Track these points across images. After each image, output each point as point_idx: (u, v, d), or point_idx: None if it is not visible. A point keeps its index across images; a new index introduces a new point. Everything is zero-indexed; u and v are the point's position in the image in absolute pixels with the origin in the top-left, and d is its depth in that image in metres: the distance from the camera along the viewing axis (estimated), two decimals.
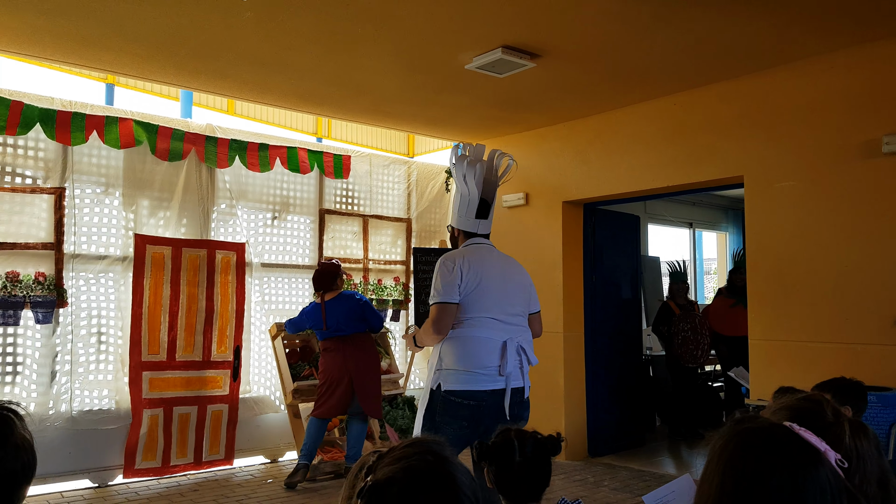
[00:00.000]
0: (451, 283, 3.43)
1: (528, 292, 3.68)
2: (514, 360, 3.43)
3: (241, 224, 6.37)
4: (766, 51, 4.97)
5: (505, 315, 3.49)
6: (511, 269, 3.66)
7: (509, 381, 3.40)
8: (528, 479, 2.15)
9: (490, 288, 3.48)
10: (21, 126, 5.20)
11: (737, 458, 1.25)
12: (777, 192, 5.23)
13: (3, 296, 5.12)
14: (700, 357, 7.60)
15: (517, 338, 3.48)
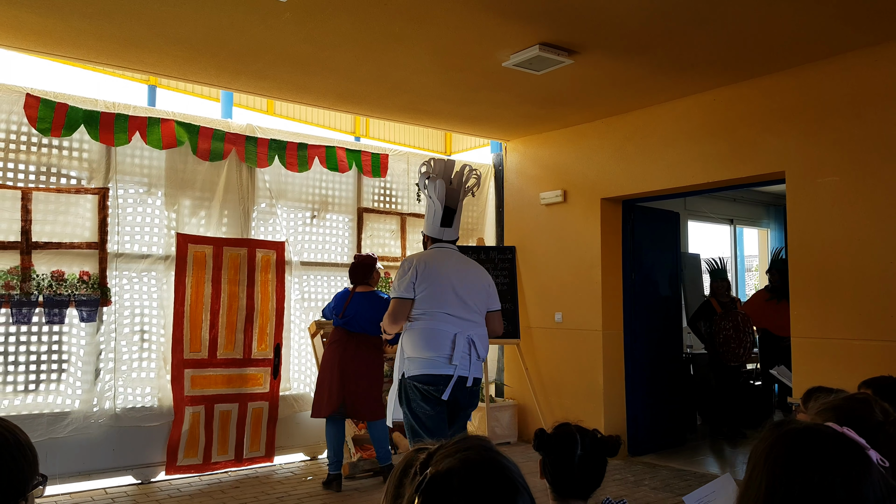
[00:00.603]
0: (405, 281, 3.91)
1: (486, 292, 4.03)
2: (463, 351, 3.83)
3: (280, 223, 6.42)
4: (809, 44, 4.87)
5: (457, 311, 3.90)
6: (469, 270, 4.04)
7: (457, 369, 3.81)
8: (580, 475, 2.13)
9: (445, 286, 3.90)
10: (66, 128, 5.31)
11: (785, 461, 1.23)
12: (820, 187, 5.13)
13: (49, 294, 5.24)
14: (743, 356, 7.49)
15: (468, 331, 3.88)
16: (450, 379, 3.79)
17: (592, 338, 6.69)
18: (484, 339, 3.95)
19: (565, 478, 2.14)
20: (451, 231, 4.09)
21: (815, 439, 1.24)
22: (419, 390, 3.82)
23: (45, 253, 5.24)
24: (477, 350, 3.87)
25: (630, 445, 6.69)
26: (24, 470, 1.33)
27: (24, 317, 5.15)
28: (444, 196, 4.03)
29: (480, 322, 3.97)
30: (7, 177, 5.18)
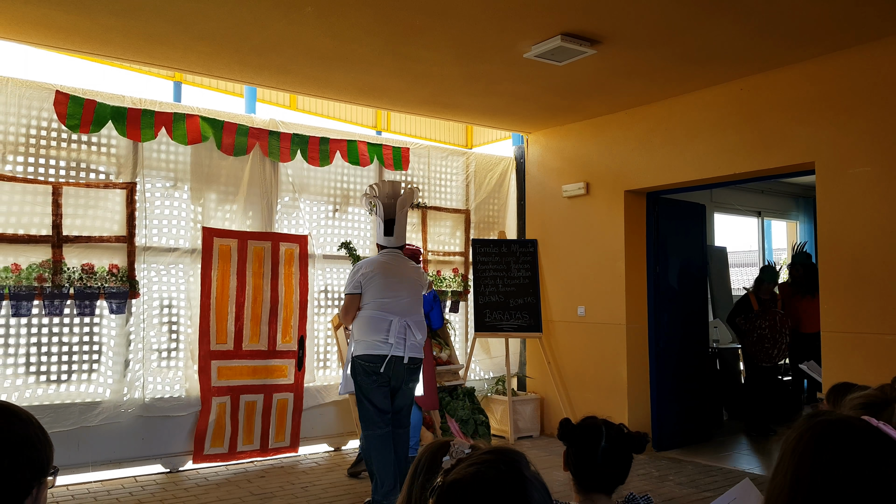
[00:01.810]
0: (355, 280, 4.77)
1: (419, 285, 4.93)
2: (399, 335, 4.64)
3: (303, 217, 6.48)
4: (838, 32, 4.79)
5: (394, 301, 4.71)
6: (405, 269, 4.87)
7: (392, 349, 4.62)
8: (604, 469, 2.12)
9: (384, 283, 4.73)
10: (94, 124, 5.41)
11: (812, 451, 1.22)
12: (851, 178, 5.04)
13: (80, 287, 5.35)
14: (776, 357, 7.29)
15: (404, 318, 4.68)
16: (385, 357, 4.62)
17: (616, 331, 6.65)
18: (421, 324, 4.80)
19: (589, 470, 2.14)
20: (393, 239, 4.90)
21: (844, 431, 1.23)
22: (363, 367, 4.63)
23: (75, 246, 5.36)
24: (413, 333, 4.69)
25: (655, 440, 6.64)
26: (48, 449, 1.35)
27: (56, 308, 5.28)
28: (384, 212, 4.86)
29: (417, 310, 4.82)
30: (38, 172, 5.30)
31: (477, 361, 7.55)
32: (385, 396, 4.70)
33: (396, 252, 4.94)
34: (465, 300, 7.60)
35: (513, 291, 7.28)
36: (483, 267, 7.33)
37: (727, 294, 8.99)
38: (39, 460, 1.32)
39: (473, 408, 6.54)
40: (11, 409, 1.35)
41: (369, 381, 4.64)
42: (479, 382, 7.51)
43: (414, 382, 4.82)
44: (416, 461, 1.50)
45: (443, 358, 6.80)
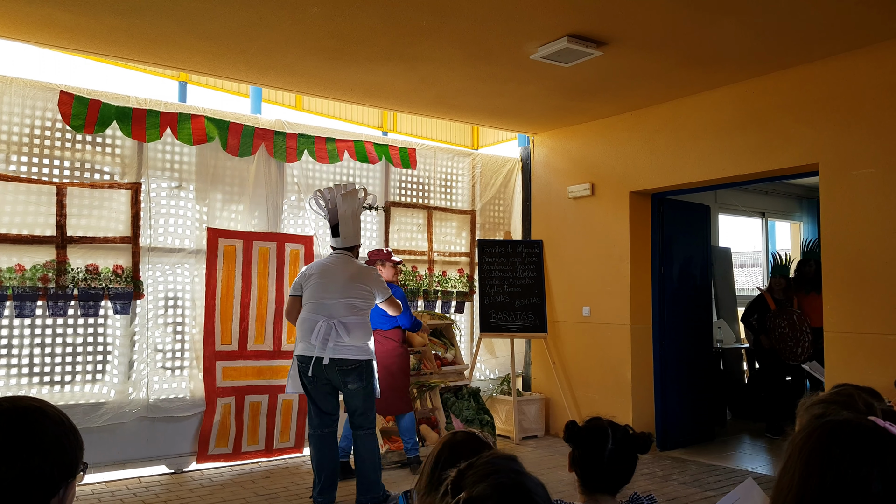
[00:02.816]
0: (296, 282, 4.91)
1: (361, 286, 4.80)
2: (324, 336, 4.59)
3: (309, 217, 6.47)
4: (842, 34, 4.78)
5: (324, 303, 4.70)
6: (345, 271, 4.81)
7: (316, 350, 4.60)
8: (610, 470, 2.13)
9: (318, 284, 4.75)
10: (98, 124, 5.40)
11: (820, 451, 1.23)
12: (854, 180, 5.04)
13: (84, 287, 5.34)
14: (801, 354, 7.19)
15: (333, 319, 4.63)
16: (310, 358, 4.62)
17: (621, 332, 6.65)
18: (353, 324, 4.67)
19: (595, 471, 2.14)
20: (339, 240, 4.93)
21: (852, 432, 1.24)
22: (298, 367, 4.73)
23: (79, 247, 5.35)
24: (341, 334, 4.61)
25: (659, 440, 6.65)
26: (77, 450, 1.37)
27: (60, 309, 5.27)
28: (328, 214, 4.92)
29: (354, 311, 4.72)
30: (43, 172, 5.29)
31: (482, 361, 7.55)
32: (326, 397, 4.76)
33: (343, 254, 4.94)
34: (470, 301, 7.59)
35: (518, 292, 7.28)
36: (488, 267, 7.32)
37: (731, 295, 8.98)
38: (68, 462, 1.34)
39: (478, 408, 6.54)
40: (43, 408, 1.36)
41: (306, 382, 4.72)
42: (484, 383, 7.50)
43: (355, 385, 4.70)
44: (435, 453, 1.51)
45: (448, 358, 6.80)
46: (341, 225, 4.93)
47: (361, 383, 4.72)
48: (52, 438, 1.32)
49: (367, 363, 4.76)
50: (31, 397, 1.41)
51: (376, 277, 4.96)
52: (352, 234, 4.98)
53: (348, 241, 4.97)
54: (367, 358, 4.75)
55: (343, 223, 4.92)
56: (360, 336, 4.71)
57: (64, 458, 1.32)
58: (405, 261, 7.08)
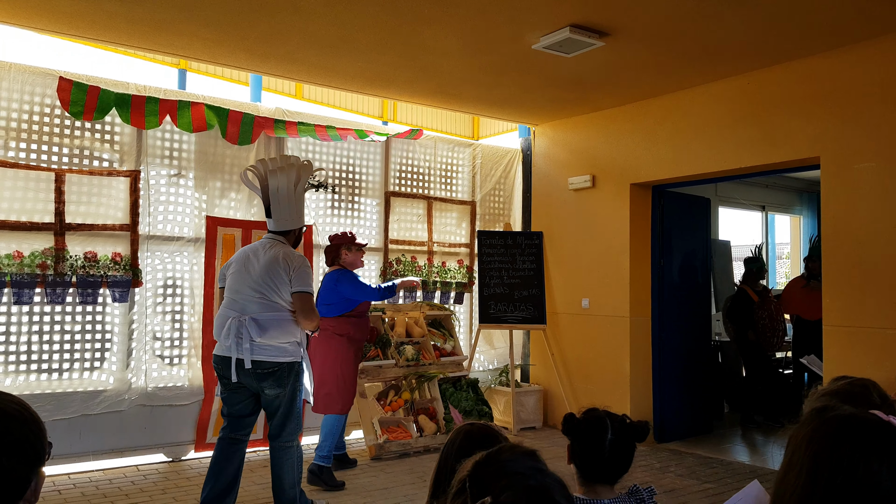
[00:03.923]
0: (221, 271, 4.30)
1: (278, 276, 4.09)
2: (233, 334, 3.99)
3: (308, 206, 6.45)
4: (845, 27, 4.77)
5: (241, 295, 4.08)
6: (267, 256, 4.14)
7: (222, 351, 4.05)
8: (608, 460, 2.12)
9: (235, 275, 4.15)
10: (98, 111, 5.37)
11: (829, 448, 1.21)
12: (855, 173, 5.03)
13: (82, 275, 5.33)
14: (776, 344, 7.45)
15: (246, 314, 4.02)
16: (226, 360, 4.03)
17: (620, 324, 6.65)
18: (269, 321, 4.02)
19: (595, 463, 2.14)
20: (272, 222, 4.30)
21: (859, 427, 1.22)
22: (214, 369, 4.18)
23: (78, 234, 5.33)
24: (249, 332, 3.97)
25: (656, 432, 6.66)
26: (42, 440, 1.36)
27: (59, 297, 5.25)
28: (261, 192, 4.29)
29: (269, 305, 4.05)
30: (41, 159, 5.26)
31: (481, 352, 7.55)
32: (241, 401, 4.15)
33: (272, 239, 4.26)
34: (469, 292, 7.58)
35: (517, 283, 7.27)
36: (488, 259, 7.31)
37: (730, 288, 8.98)
38: (36, 455, 1.34)
39: (477, 399, 6.54)
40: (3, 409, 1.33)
41: (222, 387, 4.18)
42: (482, 374, 7.51)
43: (272, 391, 4.07)
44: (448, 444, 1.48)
45: (447, 349, 6.80)
46: (273, 204, 4.26)
47: (280, 389, 4.09)
48: (16, 438, 1.31)
49: (288, 366, 4.10)
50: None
51: (299, 267, 4.15)
52: (286, 216, 4.29)
53: (281, 224, 4.28)
54: (289, 360, 4.09)
55: (275, 202, 4.25)
56: (276, 335, 4.04)
57: (31, 453, 1.32)
58: (405, 251, 7.07)
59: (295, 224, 4.33)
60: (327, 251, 5.56)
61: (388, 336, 6.45)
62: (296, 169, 4.28)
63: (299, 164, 4.33)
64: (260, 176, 4.27)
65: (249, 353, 3.98)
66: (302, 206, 4.39)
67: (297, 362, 4.17)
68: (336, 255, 5.50)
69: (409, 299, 7.11)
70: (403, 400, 6.31)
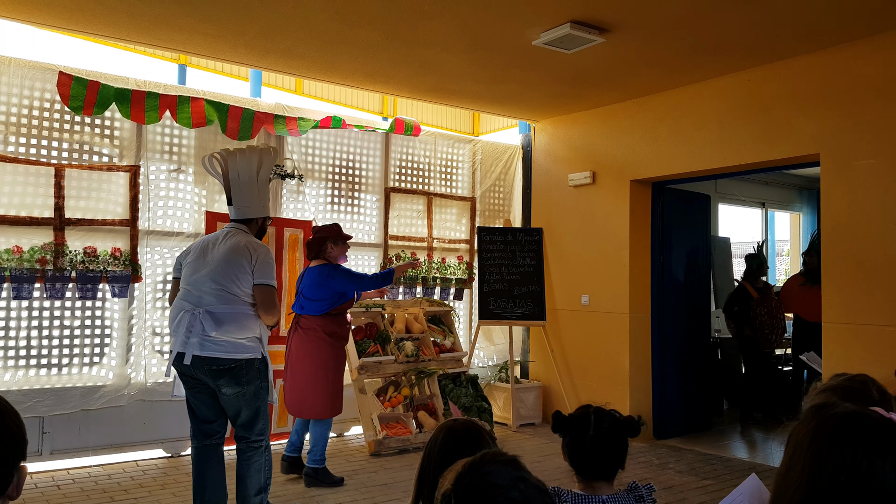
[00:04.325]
0: (177, 260, 4.04)
1: (238, 267, 3.80)
2: (185, 329, 3.73)
3: (308, 202, 6.45)
4: (847, 23, 4.76)
5: (196, 287, 3.81)
6: (226, 246, 3.87)
7: (175, 346, 3.79)
8: (601, 456, 2.13)
9: (192, 265, 3.89)
10: (98, 106, 5.36)
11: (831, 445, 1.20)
12: (856, 170, 5.03)
13: (82, 270, 5.32)
14: (774, 342, 7.43)
15: (200, 307, 3.75)
16: (194, 358, 3.74)
17: (619, 320, 6.65)
18: (225, 315, 3.74)
19: (583, 459, 2.15)
20: (233, 210, 4.06)
21: (862, 424, 1.21)
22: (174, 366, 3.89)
23: (77, 229, 5.33)
24: (203, 325, 3.69)
25: (656, 428, 6.67)
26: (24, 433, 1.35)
27: (58, 292, 5.25)
28: (223, 178, 4.06)
29: (227, 298, 3.76)
30: (41, 154, 5.26)
31: (480, 349, 7.55)
32: (206, 402, 3.88)
33: (234, 227, 4.00)
34: (469, 288, 7.59)
35: (517, 279, 7.27)
36: (488, 255, 7.31)
37: (730, 285, 8.98)
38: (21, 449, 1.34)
39: (476, 395, 6.55)
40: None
41: (182, 382, 3.90)
42: (482, 370, 7.51)
43: (230, 389, 3.78)
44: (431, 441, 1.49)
45: (446, 345, 6.81)
46: (233, 191, 4.02)
47: (240, 388, 3.80)
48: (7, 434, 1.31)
49: (247, 364, 3.80)
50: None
51: (263, 257, 3.87)
52: (247, 204, 4.04)
53: (243, 212, 4.03)
54: (247, 357, 3.79)
55: (236, 189, 4.01)
56: (233, 329, 3.75)
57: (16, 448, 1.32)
58: (405, 247, 7.08)
59: (258, 212, 4.08)
60: (310, 244, 5.23)
61: (388, 332, 6.45)
62: (257, 154, 4.04)
63: (261, 149, 4.10)
64: (221, 162, 4.02)
65: (198, 347, 3.70)
66: (266, 195, 4.14)
67: (258, 359, 3.87)
68: (321, 248, 5.17)
69: (408, 295, 7.11)
70: (403, 396, 6.31)
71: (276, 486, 4.79)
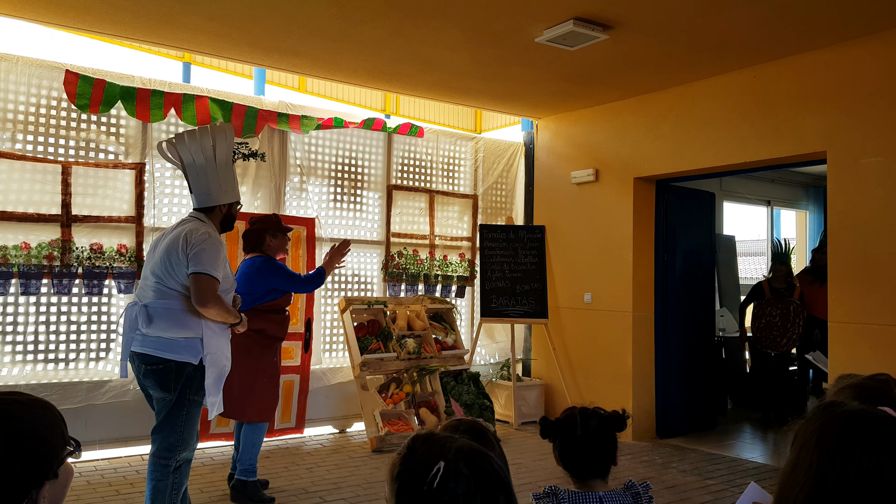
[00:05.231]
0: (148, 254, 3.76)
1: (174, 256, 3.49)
2: (128, 325, 3.49)
3: (311, 200, 6.48)
4: (854, 20, 4.74)
5: (141, 282, 3.62)
6: (170, 233, 3.61)
7: (123, 344, 3.54)
8: (592, 454, 2.15)
9: (148, 257, 3.68)
10: (103, 104, 5.41)
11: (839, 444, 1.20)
12: (862, 168, 5.01)
13: (88, 266, 5.37)
14: (784, 345, 7.17)
15: (143, 300, 3.50)
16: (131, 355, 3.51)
17: (622, 319, 6.65)
18: (157, 310, 3.45)
19: (575, 460, 2.17)
20: (193, 197, 3.75)
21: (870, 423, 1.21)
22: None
23: (84, 226, 5.38)
24: (139, 321, 3.44)
25: (659, 428, 6.66)
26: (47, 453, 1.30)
27: (65, 288, 5.31)
28: (181, 164, 3.71)
29: (163, 292, 3.48)
30: (48, 151, 5.31)
31: (482, 346, 7.57)
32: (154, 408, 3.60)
33: (190, 217, 3.70)
34: (471, 285, 7.60)
35: (519, 277, 7.28)
36: (490, 252, 7.33)
37: (735, 283, 8.97)
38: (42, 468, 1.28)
39: (478, 392, 6.57)
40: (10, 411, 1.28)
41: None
42: (483, 367, 7.53)
43: (155, 391, 3.48)
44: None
45: (448, 342, 6.82)
46: (190, 178, 3.70)
47: (166, 393, 3.46)
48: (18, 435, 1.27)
49: (177, 367, 3.44)
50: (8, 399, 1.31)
51: (199, 244, 3.48)
52: (205, 189, 3.69)
53: (202, 200, 3.70)
54: (178, 359, 3.44)
55: (192, 176, 3.68)
56: (165, 326, 3.44)
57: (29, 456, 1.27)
58: (407, 245, 7.09)
59: (220, 198, 3.71)
60: (247, 235, 4.82)
61: (390, 329, 6.48)
62: (209, 134, 3.67)
63: (213, 127, 3.73)
64: (173, 148, 3.71)
65: (136, 343, 3.46)
66: (230, 178, 3.77)
67: (191, 364, 3.48)
68: (259, 240, 4.76)
69: (410, 292, 7.13)
70: (405, 393, 6.34)
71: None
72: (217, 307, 3.50)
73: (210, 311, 3.49)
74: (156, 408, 3.57)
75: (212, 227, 3.68)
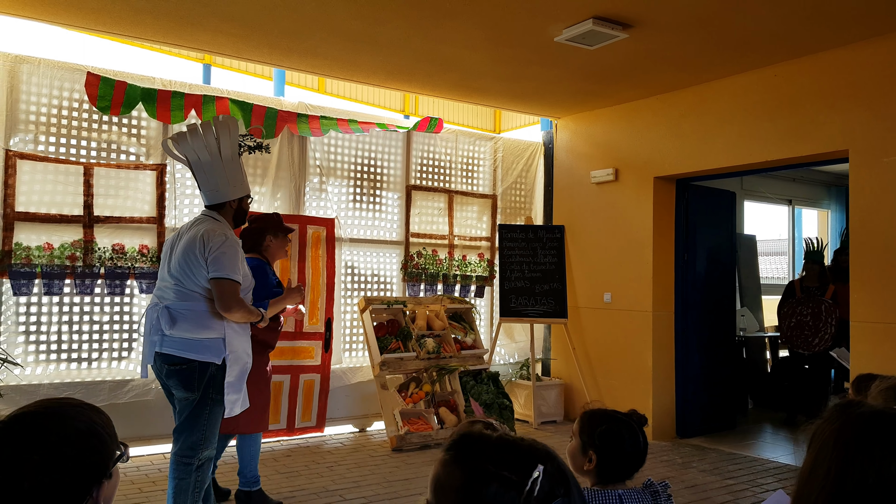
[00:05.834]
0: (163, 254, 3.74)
1: (193, 258, 3.47)
2: (149, 326, 3.52)
3: (331, 200, 6.51)
4: (875, 17, 4.68)
5: (162, 282, 3.60)
6: (187, 234, 3.57)
7: (144, 346, 3.58)
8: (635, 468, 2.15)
9: (162, 258, 3.67)
10: (125, 105, 5.45)
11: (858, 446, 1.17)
12: (885, 167, 4.95)
13: (110, 267, 5.43)
14: (817, 345, 7.01)
15: (164, 302, 3.49)
16: (153, 356, 3.51)
17: (642, 318, 6.62)
18: (180, 312, 3.45)
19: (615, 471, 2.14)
20: (203, 195, 3.71)
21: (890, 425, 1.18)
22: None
23: (106, 227, 5.43)
24: (161, 323, 3.43)
25: (679, 427, 6.63)
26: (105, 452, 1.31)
27: (87, 288, 5.36)
28: (188, 161, 3.68)
29: (184, 294, 3.48)
30: (70, 153, 5.37)
31: (501, 346, 7.56)
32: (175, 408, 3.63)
33: (204, 215, 3.68)
34: (490, 285, 7.59)
35: (539, 277, 7.26)
36: (509, 252, 7.32)
37: (755, 283, 8.89)
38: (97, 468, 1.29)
39: (498, 392, 6.56)
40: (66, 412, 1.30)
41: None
42: (503, 367, 7.52)
43: (179, 391, 3.50)
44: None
45: (467, 342, 6.82)
46: (197, 175, 3.67)
47: (189, 393, 3.47)
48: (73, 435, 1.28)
49: (200, 367, 3.45)
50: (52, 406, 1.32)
51: (218, 247, 3.47)
52: (214, 187, 3.65)
53: (212, 197, 3.66)
54: (201, 359, 3.45)
55: (199, 173, 3.65)
56: (188, 328, 3.45)
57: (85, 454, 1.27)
58: (426, 245, 7.10)
59: (229, 194, 3.67)
60: (246, 233, 4.50)
61: (410, 329, 6.49)
62: (211, 129, 3.62)
63: (216, 121, 3.66)
64: (178, 147, 3.68)
65: (158, 344, 3.47)
66: (237, 172, 3.72)
67: (215, 364, 3.49)
68: (259, 239, 4.50)
69: (429, 292, 7.14)
70: (424, 392, 6.35)
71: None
72: (241, 311, 3.54)
73: (234, 315, 3.53)
74: (178, 407, 3.58)
75: (226, 225, 3.67)
